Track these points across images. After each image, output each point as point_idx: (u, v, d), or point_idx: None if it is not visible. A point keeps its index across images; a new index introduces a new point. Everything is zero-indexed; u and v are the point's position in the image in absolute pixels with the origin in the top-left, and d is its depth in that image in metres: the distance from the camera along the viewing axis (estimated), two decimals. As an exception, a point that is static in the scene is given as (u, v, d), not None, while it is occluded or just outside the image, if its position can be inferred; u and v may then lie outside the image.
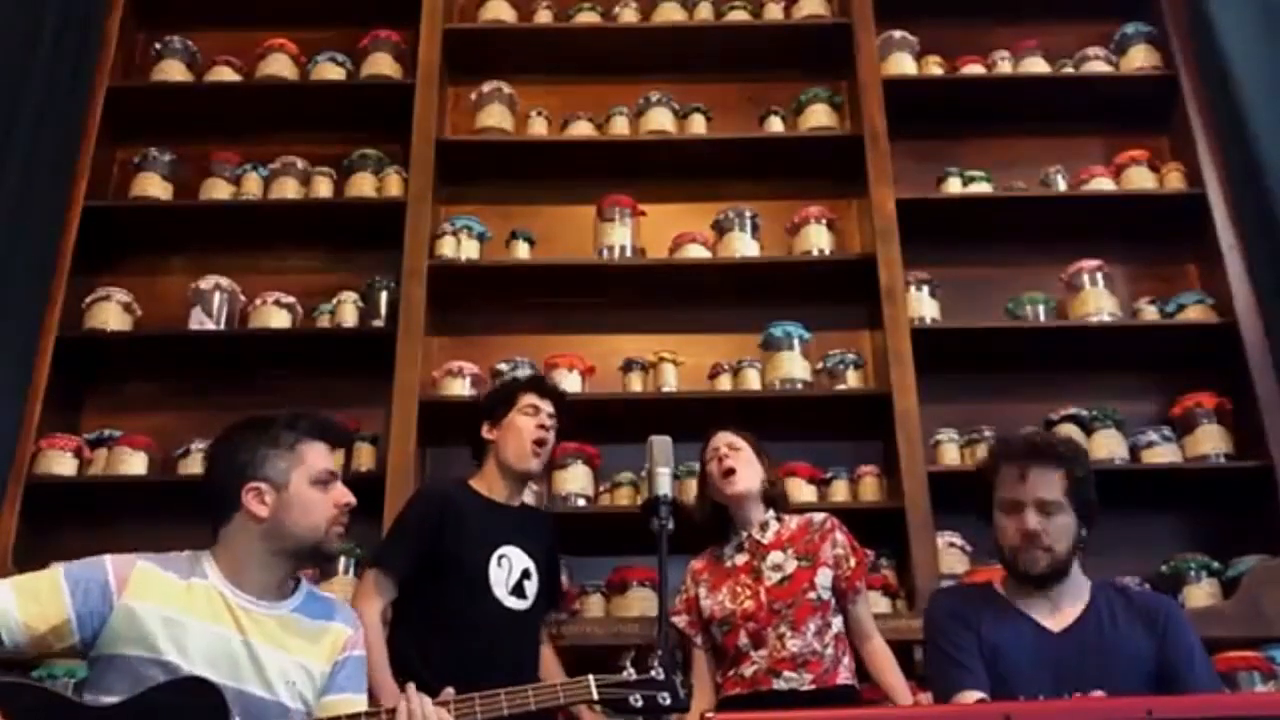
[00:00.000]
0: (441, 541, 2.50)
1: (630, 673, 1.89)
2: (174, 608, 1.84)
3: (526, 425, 2.63)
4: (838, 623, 2.50)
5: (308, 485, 1.94)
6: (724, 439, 2.66)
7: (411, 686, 1.86)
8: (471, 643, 2.43)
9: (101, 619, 1.81)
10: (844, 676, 2.45)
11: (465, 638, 2.43)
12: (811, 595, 2.47)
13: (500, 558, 2.53)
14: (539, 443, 2.63)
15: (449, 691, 1.87)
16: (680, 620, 2.60)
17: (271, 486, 1.93)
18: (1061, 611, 2.07)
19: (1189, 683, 1.95)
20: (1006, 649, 2.02)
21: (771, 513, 2.61)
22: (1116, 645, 2.00)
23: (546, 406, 2.68)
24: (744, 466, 2.60)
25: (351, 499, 1.99)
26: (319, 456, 1.98)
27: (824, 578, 2.49)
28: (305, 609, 1.96)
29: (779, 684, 2.40)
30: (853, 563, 2.52)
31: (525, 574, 2.55)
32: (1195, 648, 2.03)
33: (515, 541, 2.57)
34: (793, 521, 2.61)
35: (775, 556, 2.53)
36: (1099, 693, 1.78)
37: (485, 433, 2.68)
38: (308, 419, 2.02)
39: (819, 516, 2.62)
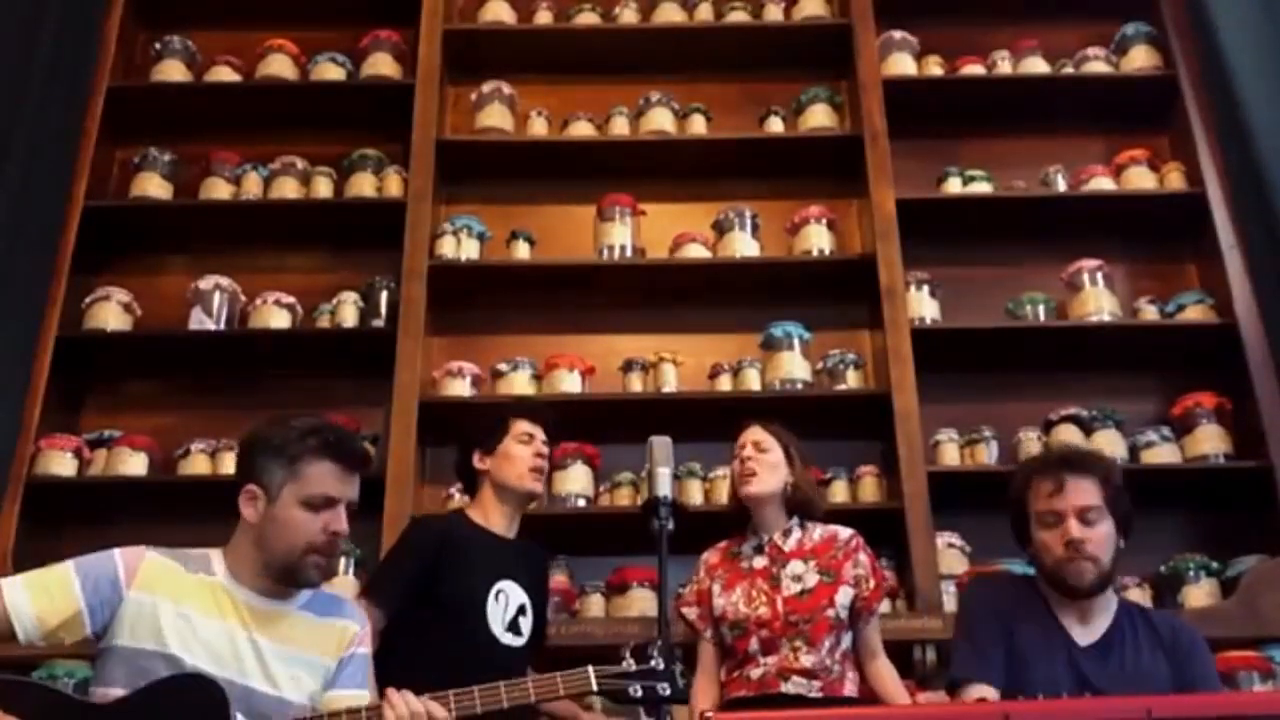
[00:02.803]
0: (438, 575, 2.44)
1: (629, 663, 1.88)
2: (181, 602, 1.84)
3: (523, 454, 2.56)
4: (847, 640, 2.47)
5: (296, 504, 1.86)
6: (752, 436, 2.59)
7: (390, 689, 1.83)
8: (463, 678, 2.35)
9: (111, 610, 1.82)
10: (849, 689, 2.43)
11: (458, 673, 2.32)
12: (830, 613, 2.43)
13: (498, 593, 2.47)
14: (538, 470, 2.59)
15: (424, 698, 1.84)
16: (691, 612, 2.56)
17: (264, 493, 1.89)
18: (1092, 623, 2.05)
19: None
20: (1034, 658, 2.00)
21: (796, 520, 2.55)
22: (1138, 665, 1.99)
23: (540, 433, 2.61)
24: (765, 470, 2.53)
25: (342, 528, 1.89)
26: (321, 478, 1.88)
27: (844, 596, 2.45)
28: (312, 606, 1.95)
29: (787, 687, 2.37)
30: (871, 584, 2.48)
31: (521, 610, 2.50)
32: (1211, 671, 2.03)
33: (513, 576, 2.51)
34: (817, 532, 2.55)
35: (795, 566, 2.49)
36: None
37: (477, 462, 2.59)
38: (324, 435, 1.90)
39: (845, 533, 2.56)
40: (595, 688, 1.88)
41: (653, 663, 1.88)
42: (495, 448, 2.58)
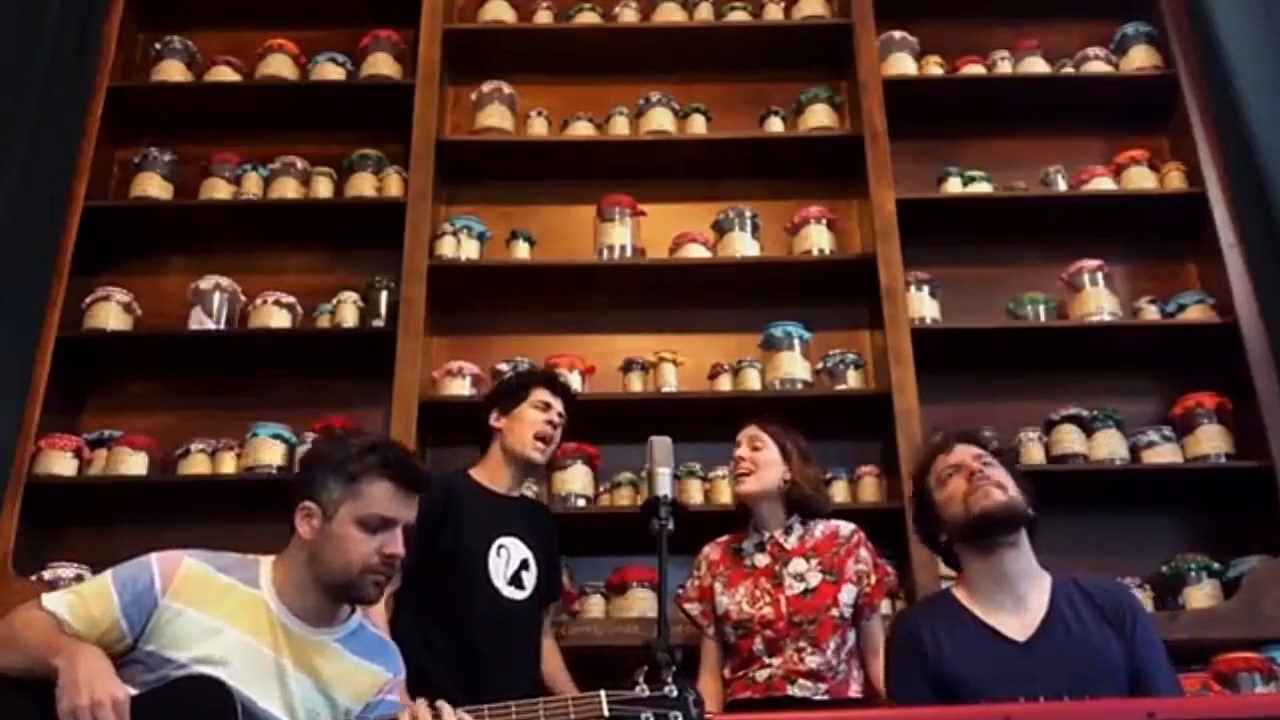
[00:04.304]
0: (442, 531, 2.51)
1: (643, 689, 1.84)
2: (215, 613, 1.81)
3: (535, 419, 2.65)
4: (852, 637, 2.48)
5: (353, 523, 1.82)
6: (748, 434, 2.63)
7: (422, 702, 1.82)
8: (470, 631, 2.45)
9: (148, 617, 1.79)
10: (855, 689, 2.43)
11: (464, 626, 2.46)
12: (834, 613, 2.43)
13: (499, 548, 2.55)
14: (544, 438, 2.65)
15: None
16: (693, 608, 2.57)
17: (320, 510, 1.85)
18: (1024, 610, 1.97)
19: (1156, 690, 1.87)
20: (970, 676, 1.92)
21: (796, 517, 2.57)
22: (1088, 653, 1.91)
23: (557, 405, 2.69)
24: (760, 468, 2.56)
25: (398, 551, 1.84)
26: (379, 498, 1.83)
27: (848, 594, 2.46)
28: (349, 642, 1.91)
29: (793, 690, 2.38)
30: (873, 579, 2.49)
31: (524, 564, 2.57)
32: (1161, 651, 1.96)
33: (514, 532, 2.59)
34: (818, 528, 2.56)
35: (798, 564, 2.50)
36: None
37: (493, 421, 2.69)
38: (384, 454, 1.86)
39: (846, 529, 2.57)
40: (607, 713, 1.85)
41: (666, 689, 1.85)
42: (512, 409, 2.67)
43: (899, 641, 2.07)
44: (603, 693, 1.84)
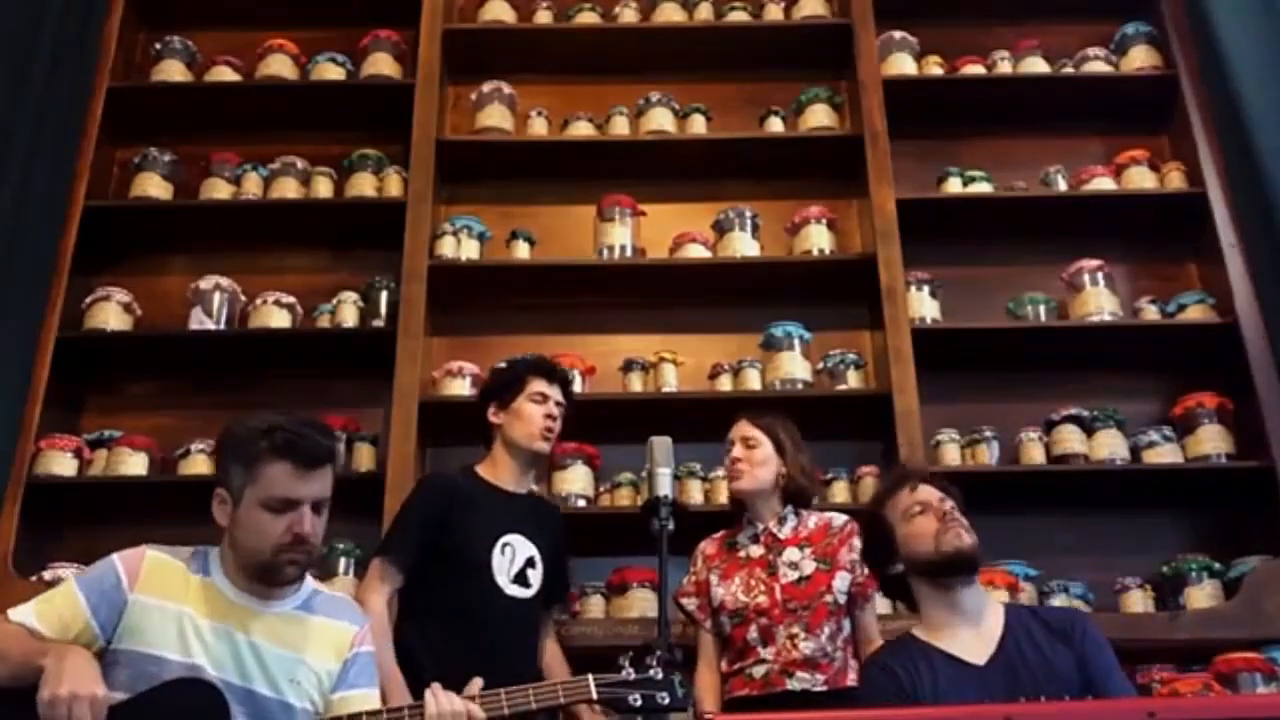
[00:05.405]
0: (446, 530, 2.50)
1: (629, 672, 1.90)
2: (182, 603, 1.84)
3: (535, 413, 2.63)
4: (847, 626, 2.49)
5: (257, 507, 1.84)
6: (740, 431, 2.64)
7: (437, 685, 1.86)
8: (472, 630, 2.44)
9: (119, 615, 1.81)
10: (852, 679, 2.44)
11: (466, 625, 2.45)
12: (828, 599, 2.45)
13: (504, 546, 2.53)
14: (546, 430, 2.64)
15: (477, 682, 1.90)
16: (690, 603, 2.59)
17: (230, 497, 1.88)
18: (981, 635, 2.04)
19: (1106, 692, 1.92)
20: (940, 703, 1.96)
21: (790, 508, 2.59)
22: (1043, 670, 1.96)
23: (555, 394, 2.67)
24: (753, 465, 2.58)
25: (305, 530, 1.84)
26: (278, 479, 1.83)
27: (841, 582, 2.48)
28: (308, 606, 1.95)
29: (792, 684, 2.39)
30: (866, 570, 2.49)
31: (529, 562, 2.56)
32: (1113, 660, 2.01)
33: (520, 530, 2.57)
34: (811, 520, 2.59)
35: (792, 553, 2.52)
36: None
37: (491, 416, 2.67)
38: (275, 436, 1.84)
39: (839, 519, 2.59)
40: (595, 696, 1.89)
41: (651, 671, 1.88)
42: (510, 403, 2.64)
43: (874, 680, 2.10)
44: (590, 677, 1.90)
